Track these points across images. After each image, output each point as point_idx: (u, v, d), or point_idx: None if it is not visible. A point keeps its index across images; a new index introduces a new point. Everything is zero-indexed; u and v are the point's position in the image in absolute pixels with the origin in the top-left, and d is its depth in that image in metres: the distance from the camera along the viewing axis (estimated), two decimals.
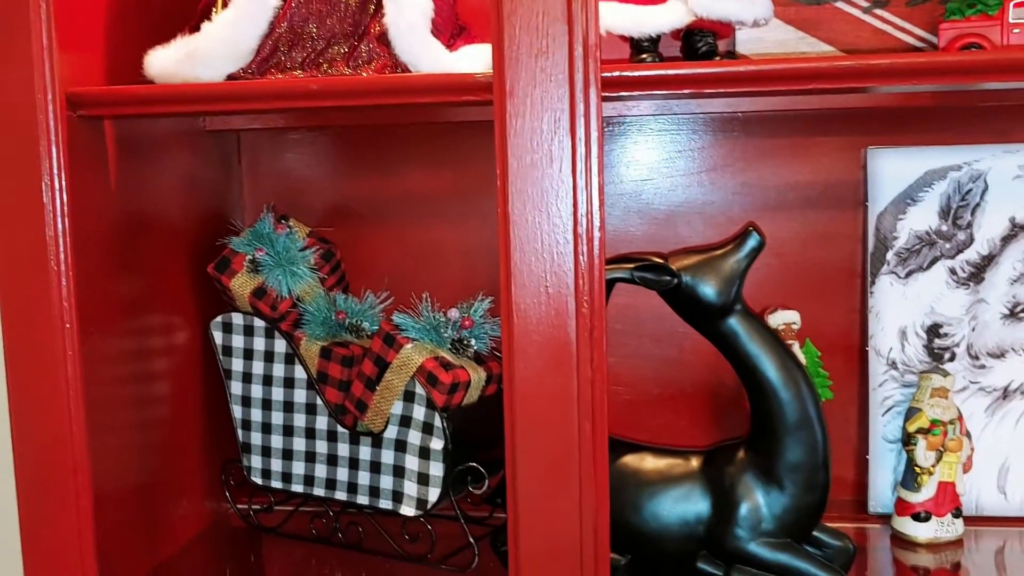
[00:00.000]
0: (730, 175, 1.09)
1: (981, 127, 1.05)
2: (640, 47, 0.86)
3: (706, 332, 0.87)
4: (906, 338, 1.05)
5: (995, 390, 1.04)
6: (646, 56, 0.85)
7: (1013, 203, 1.03)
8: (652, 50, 0.86)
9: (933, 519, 0.99)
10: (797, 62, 0.79)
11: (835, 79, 0.79)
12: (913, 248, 1.05)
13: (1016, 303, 1.04)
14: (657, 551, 0.88)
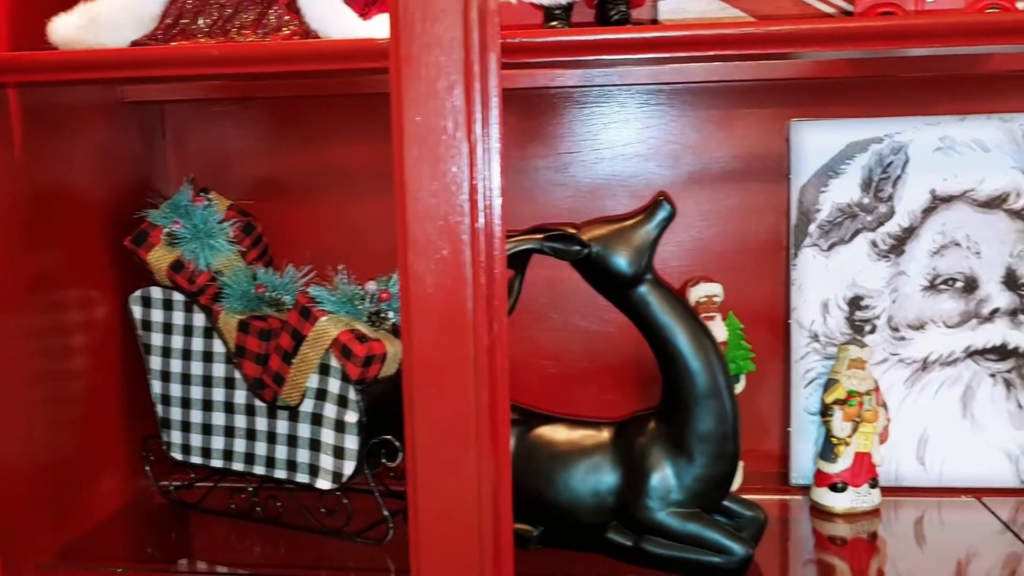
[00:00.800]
0: (655, 148, 1.09)
1: (903, 99, 1.05)
2: (551, 14, 0.86)
3: (617, 302, 0.87)
4: (828, 310, 1.06)
5: (915, 362, 1.05)
6: (555, 23, 0.84)
7: (934, 175, 1.04)
8: (563, 18, 0.85)
9: (850, 489, 1.00)
10: (699, 28, 0.79)
11: (737, 45, 0.79)
12: (835, 221, 1.05)
13: (936, 275, 1.04)
14: (569, 522, 0.88)
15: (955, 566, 0.92)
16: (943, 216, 1.04)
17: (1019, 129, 1.02)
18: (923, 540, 0.99)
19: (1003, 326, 1.04)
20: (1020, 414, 1.04)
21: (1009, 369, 1.04)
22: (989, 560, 0.92)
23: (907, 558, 0.95)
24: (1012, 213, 1.03)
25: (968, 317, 1.04)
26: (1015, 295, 1.03)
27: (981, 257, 1.03)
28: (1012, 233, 1.03)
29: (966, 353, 1.04)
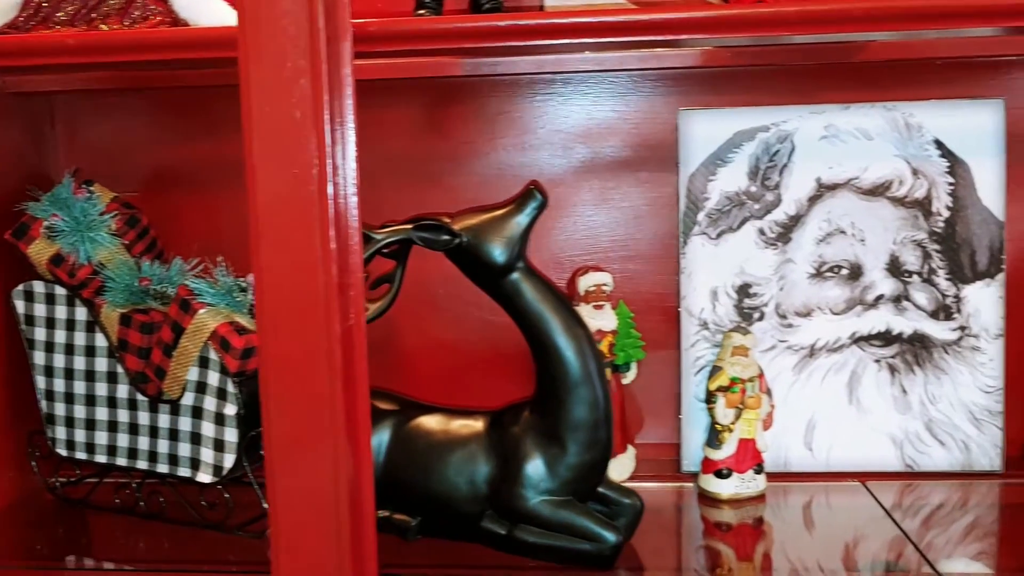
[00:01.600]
0: (547, 137, 1.09)
1: (789, 88, 1.06)
2: (421, 3, 0.85)
3: (491, 291, 0.87)
4: (717, 298, 1.07)
5: (802, 348, 1.06)
6: (424, 11, 0.83)
7: (819, 163, 1.05)
8: (433, 6, 0.85)
9: (735, 475, 1.00)
10: (564, 16, 0.79)
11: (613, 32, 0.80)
12: (724, 209, 1.06)
13: (822, 263, 1.05)
14: (446, 511, 0.88)
15: (838, 549, 0.93)
16: (828, 204, 1.05)
17: (901, 117, 1.04)
18: (809, 524, 1.00)
19: (887, 312, 1.05)
20: (904, 399, 1.05)
21: (893, 355, 1.05)
22: (871, 543, 0.93)
23: (792, 542, 0.96)
24: (895, 200, 1.04)
25: (853, 304, 1.05)
26: (899, 282, 1.05)
27: (866, 244, 1.05)
28: (895, 220, 1.04)
29: (852, 339, 1.05)
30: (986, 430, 1.05)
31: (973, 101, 1.03)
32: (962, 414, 1.05)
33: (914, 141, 1.04)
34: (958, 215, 1.04)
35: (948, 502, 1.03)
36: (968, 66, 1.04)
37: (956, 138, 1.03)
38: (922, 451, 1.05)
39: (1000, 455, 1.05)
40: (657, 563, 0.94)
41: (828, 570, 0.89)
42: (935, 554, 0.94)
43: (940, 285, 1.04)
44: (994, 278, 1.04)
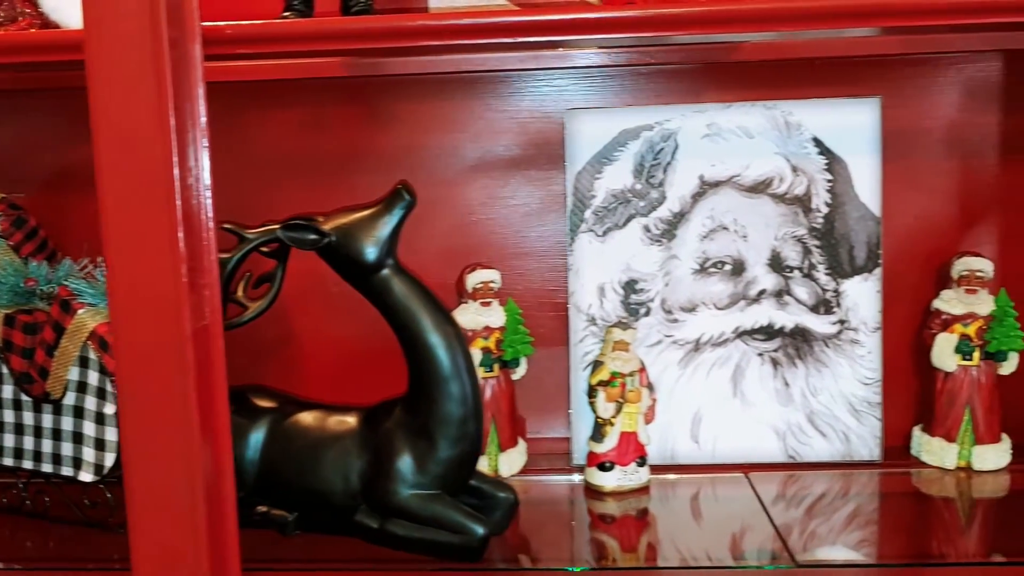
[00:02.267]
0: (437, 136, 1.10)
1: (672, 87, 1.08)
2: (289, 4, 0.86)
3: (361, 289, 0.88)
4: (604, 294, 1.08)
5: (687, 343, 1.08)
6: (289, 14, 0.84)
7: (702, 161, 1.07)
8: (301, 8, 0.86)
9: (617, 468, 1.02)
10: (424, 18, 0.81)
11: (454, 35, 0.81)
12: (610, 207, 1.08)
13: (706, 259, 1.07)
14: (321, 506, 0.89)
15: (720, 539, 0.95)
16: (711, 201, 1.07)
17: (781, 116, 1.06)
18: (693, 515, 1.02)
19: (770, 307, 1.07)
20: (786, 392, 1.07)
21: (776, 348, 1.07)
22: (754, 534, 0.95)
23: (675, 533, 0.98)
24: (776, 197, 1.06)
25: (737, 299, 1.07)
26: (780, 277, 1.07)
27: (748, 240, 1.07)
28: (777, 217, 1.06)
29: (736, 334, 1.07)
30: (865, 421, 1.07)
31: (850, 100, 1.06)
32: (842, 406, 1.07)
33: (793, 139, 1.06)
34: (836, 211, 1.06)
35: (830, 492, 1.05)
36: (845, 65, 1.06)
37: (834, 136, 1.05)
38: (804, 442, 1.08)
39: (879, 445, 1.07)
40: (545, 555, 0.95)
41: (709, 559, 0.91)
42: (818, 542, 0.97)
43: (820, 280, 1.07)
44: (872, 273, 1.06)
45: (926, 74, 1.06)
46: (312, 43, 0.77)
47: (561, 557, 0.95)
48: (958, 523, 1.00)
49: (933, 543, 0.98)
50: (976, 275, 1.04)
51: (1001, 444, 1.05)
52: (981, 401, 1.04)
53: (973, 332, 1.03)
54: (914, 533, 0.99)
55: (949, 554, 0.94)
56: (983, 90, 1.07)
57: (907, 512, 1.03)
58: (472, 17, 0.85)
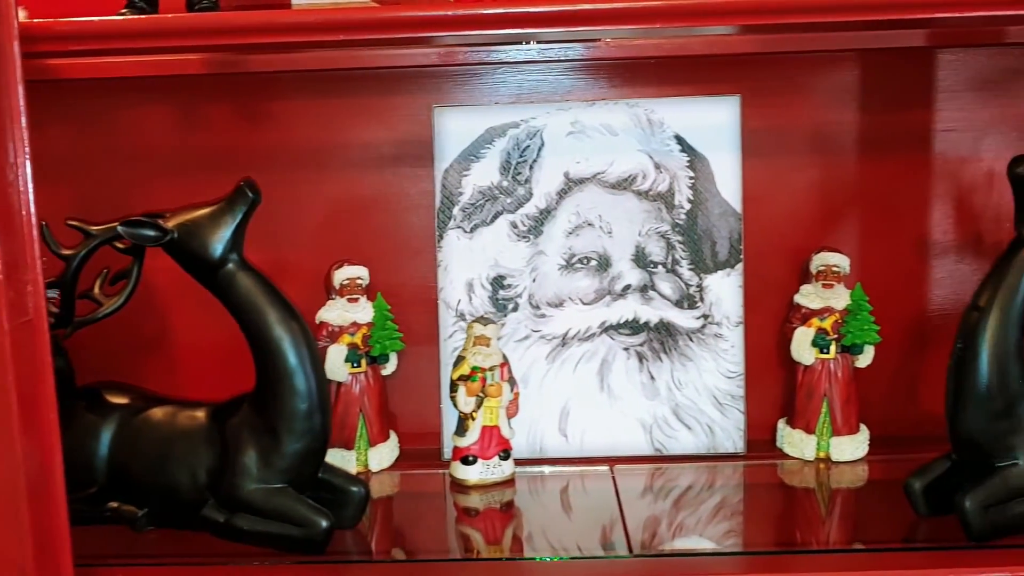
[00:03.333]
0: (307, 133, 1.11)
1: (538, 85, 1.09)
2: (131, 2, 0.86)
3: (207, 285, 0.88)
4: (473, 290, 1.09)
5: (555, 338, 1.10)
6: (126, 11, 0.85)
7: (567, 159, 1.08)
8: (140, 6, 0.86)
9: (480, 462, 1.03)
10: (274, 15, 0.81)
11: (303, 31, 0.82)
12: (477, 203, 1.09)
13: (572, 255, 1.09)
14: (171, 501, 0.90)
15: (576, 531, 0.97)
16: (577, 198, 1.08)
17: (644, 114, 1.07)
18: (556, 508, 1.03)
19: (635, 302, 1.09)
20: (652, 385, 1.09)
21: (641, 343, 1.09)
22: (607, 526, 0.96)
23: (536, 525, 0.99)
24: (640, 194, 1.08)
25: (603, 294, 1.09)
26: (645, 272, 1.08)
27: (613, 236, 1.08)
28: (640, 213, 1.08)
29: (602, 328, 1.09)
30: (729, 414, 1.09)
31: (711, 98, 1.08)
32: (707, 399, 1.09)
33: (656, 137, 1.08)
34: (699, 208, 1.08)
35: (696, 484, 1.07)
36: (706, 64, 1.08)
37: (696, 134, 1.07)
38: (670, 435, 1.10)
39: (743, 438, 1.09)
40: (406, 546, 0.97)
41: (564, 550, 0.92)
42: (687, 533, 0.99)
43: (684, 275, 1.09)
44: (734, 268, 1.08)
45: (785, 73, 1.08)
46: (140, 40, 0.78)
47: (423, 549, 0.97)
48: (817, 513, 1.02)
49: (792, 532, 1.00)
50: (832, 270, 1.06)
51: (858, 435, 1.07)
52: (838, 393, 1.06)
53: (829, 326, 1.06)
54: (773, 522, 1.02)
55: (809, 542, 0.96)
56: (841, 89, 1.09)
57: (767, 503, 1.05)
58: (323, 15, 0.86)
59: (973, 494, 0.84)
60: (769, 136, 1.09)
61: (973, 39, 1.06)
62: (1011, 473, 0.85)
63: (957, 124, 1.09)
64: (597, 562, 0.90)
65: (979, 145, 1.09)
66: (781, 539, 0.99)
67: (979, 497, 0.84)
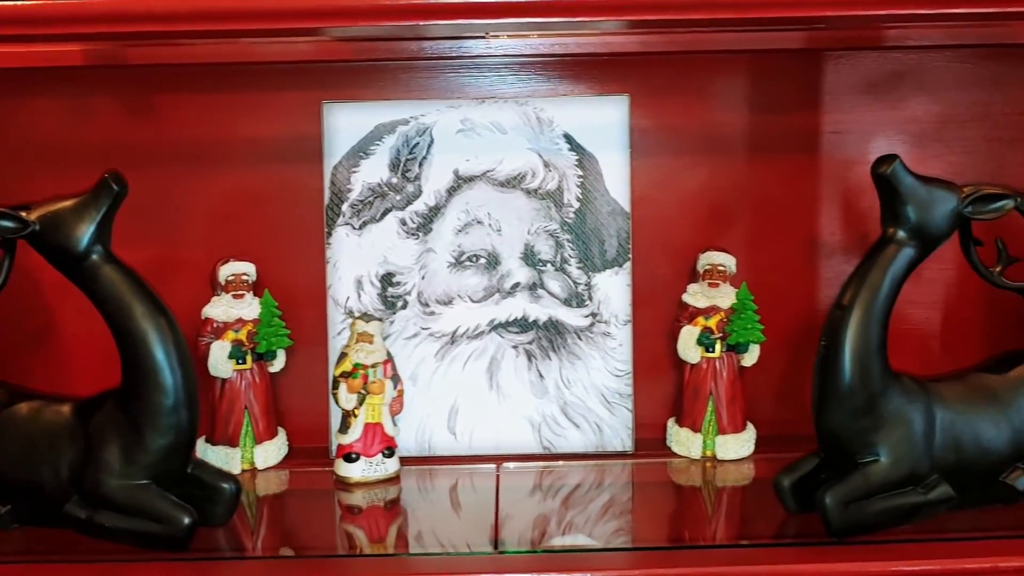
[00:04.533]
0: (195, 129, 1.09)
1: (428, 82, 1.09)
2: None
3: (71, 277, 0.87)
4: (362, 287, 1.09)
5: (444, 335, 1.09)
6: None
7: (457, 156, 1.08)
8: None
9: (362, 459, 1.03)
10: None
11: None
12: (366, 200, 1.08)
13: (461, 252, 1.09)
14: (35, 498, 0.89)
15: (466, 529, 0.97)
16: (466, 195, 1.08)
17: (533, 112, 1.08)
18: (444, 505, 1.03)
19: (523, 300, 1.09)
20: (541, 384, 1.09)
21: (530, 341, 1.09)
22: (510, 523, 0.96)
23: (423, 523, 0.99)
24: (529, 192, 1.08)
25: (492, 292, 1.09)
26: (533, 270, 1.09)
27: (502, 234, 1.08)
28: (530, 211, 1.08)
29: (491, 326, 1.09)
30: (617, 412, 1.09)
31: (600, 97, 1.08)
32: (595, 397, 1.09)
33: (545, 135, 1.08)
34: (588, 206, 1.08)
35: (585, 482, 1.07)
36: (595, 63, 1.08)
37: (585, 132, 1.08)
38: (559, 433, 1.10)
39: (631, 436, 1.10)
40: (287, 544, 0.97)
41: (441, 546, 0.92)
42: (576, 531, 0.99)
43: (572, 273, 1.09)
44: (622, 266, 1.09)
45: (674, 74, 1.09)
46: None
47: (303, 546, 0.96)
48: (696, 510, 1.03)
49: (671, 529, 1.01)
50: (718, 269, 1.07)
51: (743, 434, 1.08)
52: (723, 392, 1.07)
53: (714, 325, 1.06)
54: (653, 520, 1.02)
55: (683, 539, 0.97)
56: (730, 90, 1.10)
57: (651, 501, 1.06)
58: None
59: (833, 491, 0.85)
60: (658, 136, 1.09)
61: (859, 42, 1.07)
62: (871, 470, 0.86)
63: (844, 126, 1.10)
64: (476, 558, 0.89)
65: (865, 147, 1.10)
66: (659, 536, 0.98)
67: (838, 494, 0.85)
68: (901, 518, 0.87)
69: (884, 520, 0.86)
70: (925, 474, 0.87)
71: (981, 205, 0.86)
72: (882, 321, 0.86)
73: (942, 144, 1.11)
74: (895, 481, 0.86)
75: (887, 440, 0.86)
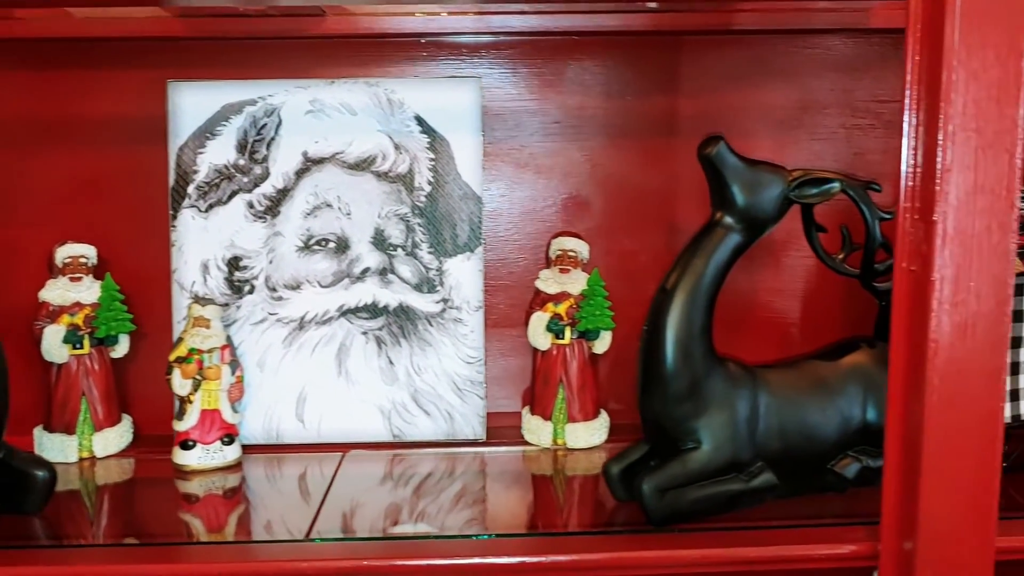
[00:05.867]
0: (35, 107, 1.06)
1: (276, 62, 1.07)
2: None
3: None
4: (208, 271, 1.06)
5: (292, 321, 1.07)
6: None
7: (306, 138, 1.06)
8: None
9: (199, 446, 1.00)
10: None
11: None
12: (213, 182, 1.06)
13: (310, 236, 1.07)
14: None
15: (290, 517, 0.94)
16: (315, 178, 1.06)
17: (384, 94, 1.06)
18: (291, 493, 1.01)
19: (373, 285, 1.07)
20: (391, 370, 1.07)
21: (380, 327, 1.07)
22: (360, 511, 0.94)
23: (264, 511, 0.96)
24: (379, 175, 1.06)
25: (341, 277, 1.07)
26: (384, 255, 1.07)
27: (352, 218, 1.06)
28: (380, 194, 1.06)
29: (340, 312, 1.07)
30: (469, 400, 1.08)
31: (451, 80, 1.06)
32: (446, 384, 1.07)
33: (396, 117, 1.06)
34: (439, 190, 1.06)
35: (436, 471, 1.05)
36: (447, 45, 1.07)
37: (436, 115, 1.06)
38: (409, 421, 1.08)
39: (482, 424, 1.08)
40: (127, 533, 0.94)
41: (269, 534, 0.90)
42: (429, 521, 0.97)
43: (423, 258, 1.07)
44: (474, 252, 1.07)
45: (527, 56, 1.07)
46: None
47: (133, 534, 0.93)
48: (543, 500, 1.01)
49: (515, 519, 0.98)
50: (569, 255, 1.05)
51: (595, 422, 1.06)
52: (574, 379, 1.05)
53: (564, 311, 1.05)
54: (491, 510, 0.99)
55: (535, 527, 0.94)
56: (585, 73, 1.08)
57: (497, 491, 1.03)
58: None
59: (651, 478, 0.83)
60: (511, 119, 1.08)
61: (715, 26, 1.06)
62: (691, 456, 0.84)
63: (702, 111, 1.09)
64: (286, 546, 0.87)
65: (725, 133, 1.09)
66: (497, 526, 0.96)
67: (655, 481, 0.83)
68: (722, 506, 0.85)
69: (703, 508, 0.84)
70: (748, 461, 0.86)
71: (808, 188, 0.85)
72: (706, 305, 0.85)
73: (803, 130, 1.11)
74: (716, 468, 0.85)
75: (708, 426, 0.84)
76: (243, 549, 0.86)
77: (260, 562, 0.84)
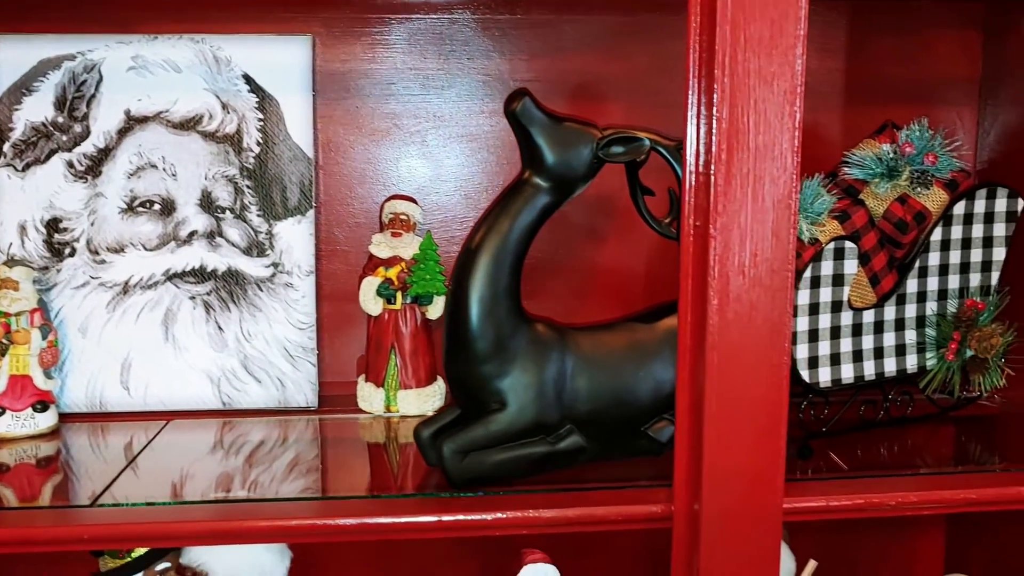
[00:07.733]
0: None
1: (96, 16, 1.03)
2: None
3: None
4: (26, 233, 1.02)
5: (116, 285, 1.03)
6: None
7: (128, 95, 1.02)
8: None
9: (9, 413, 0.97)
10: None
11: None
12: (30, 140, 1.02)
13: (134, 197, 1.03)
14: None
15: (127, 486, 0.91)
16: (139, 137, 1.02)
17: (210, 51, 1.02)
18: (110, 462, 0.97)
19: (201, 249, 1.04)
20: (220, 336, 1.04)
21: (208, 292, 1.04)
22: (191, 481, 0.91)
23: (85, 480, 0.93)
24: (206, 135, 1.03)
25: (167, 240, 1.03)
26: (211, 218, 1.03)
27: (178, 179, 1.03)
28: (207, 155, 1.03)
29: (166, 276, 1.03)
30: (301, 367, 1.05)
31: (281, 37, 1.03)
32: (277, 351, 1.05)
33: (223, 75, 1.02)
34: (269, 151, 1.03)
35: (269, 439, 1.02)
36: (277, 1, 1.04)
37: (265, 73, 1.03)
38: (239, 388, 1.05)
39: (315, 391, 1.06)
40: None
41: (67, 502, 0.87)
42: (262, 491, 0.94)
43: (252, 221, 1.04)
44: (305, 215, 1.04)
45: (359, 13, 1.05)
46: None
47: None
48: (365, 466, 0.99)
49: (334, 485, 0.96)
50: (400, 218, 1.03)
51: (428, 388, 1.04)
52: (406, 345, 1.03)
53: (395, 275, 1.03)
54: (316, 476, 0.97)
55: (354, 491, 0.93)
56: (415, 35, 1.06)
57: (329, 458, 1.01)
58: None
59: (451, 440, 0.82)
60: (344, 79, 1.05)
61: None
62: (494, 418, 0.83)
63: (533, 76, 1.07)
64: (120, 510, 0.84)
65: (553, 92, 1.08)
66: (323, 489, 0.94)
67: (456, 443, 0.82)
68: (528, 468, 0.84)
69: (507, 470, 0.83)
70: (556, 423, 0.85)
71: (617, 147, 0.84)
72: (512, 265, 0.83)
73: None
74: (520, 429, 0.83)
75: (513, 387, 0.83)
76: (29, 515, 0.83)
77: (43, 528, 0.81)
